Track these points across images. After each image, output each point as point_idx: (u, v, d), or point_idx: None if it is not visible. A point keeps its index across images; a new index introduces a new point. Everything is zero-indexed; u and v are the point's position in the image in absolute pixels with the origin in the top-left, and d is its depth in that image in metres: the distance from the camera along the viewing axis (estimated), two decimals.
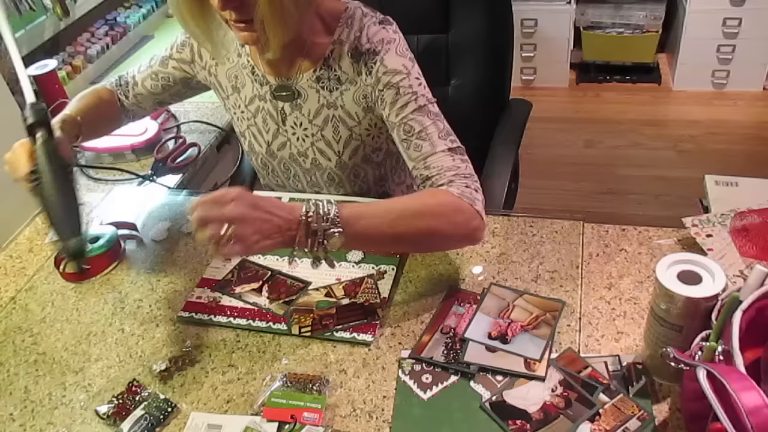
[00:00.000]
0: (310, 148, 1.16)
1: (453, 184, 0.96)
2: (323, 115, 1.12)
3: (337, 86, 1.09)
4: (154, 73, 1.23)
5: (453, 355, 0.89)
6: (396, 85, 1.03)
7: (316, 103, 1.11)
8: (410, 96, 1.02)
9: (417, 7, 1.53)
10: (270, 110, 1.15)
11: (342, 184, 1.20)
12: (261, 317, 0.99)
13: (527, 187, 1.86)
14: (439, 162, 0.99)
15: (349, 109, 1.10)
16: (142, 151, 1.47)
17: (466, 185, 0.97)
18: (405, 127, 1.02)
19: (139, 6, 2.20)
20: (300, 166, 1.20)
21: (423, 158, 1.00)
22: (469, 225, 0.95)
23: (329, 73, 1.08)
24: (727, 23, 2.89)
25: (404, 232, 0.92)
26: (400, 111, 1.02)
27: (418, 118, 1.01)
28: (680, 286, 0.74)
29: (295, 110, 1.13)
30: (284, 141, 1.18)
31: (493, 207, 1.22)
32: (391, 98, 1.03)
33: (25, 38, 1.79)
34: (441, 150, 1.00)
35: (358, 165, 1.17)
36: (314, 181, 1.22)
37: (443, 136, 1.01)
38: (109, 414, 0.87)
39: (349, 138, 1.13)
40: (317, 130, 1.14)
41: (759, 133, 2.84)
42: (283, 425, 0.83)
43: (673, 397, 0.81)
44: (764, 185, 1.09)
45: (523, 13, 3.09)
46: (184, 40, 1.20)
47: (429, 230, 0.93)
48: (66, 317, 1.05)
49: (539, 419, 0.80)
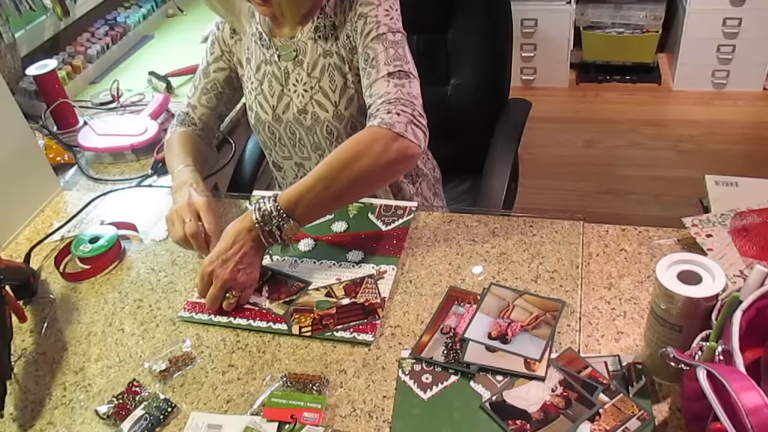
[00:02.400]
0: (309, 103, 1.19)
1: (377, 114, 1.01)
2: (320, 66, 1.16)
3: (332, 32, 1.14)
4: (204, 88, 1.28)
5: (453, 355, 0.89)
6: (365, 15, 1.09)
7: (315, 54, 1.16)
8: (373, 25, 1.08)
9: (417, 7, 1.53)
10: (275, 72, 1.20)
11: (341, 140, 1.21)
12: (261, 317, 0.99)
13: (527, 187, 1.86)
14: (377, 89, 1.05)
15: (342, 54, 1.15)
16: (142, 151, 1.47)
17: (387, 111, 1.00)
18: (364, 56, 1.09)
19: (139, 6, 2.20)
20: (302, 126, 1.23)
21: (369, 86, 1.07)
22: (390, 149, 0.98)
23: (325, 20, 1.15)
24: (727, 23, 2.90)
25: (341, 188, 0.98)
26: (363, 39, 1.09)
27: (373, 45, 1.07)
28: (680, 286, 0.74)
29: (297, 67, 1.18)
30: (288, 101, 1.22)
31: (492, 207, 1.22)
32: (360, 27, 1.10)
33: (25, 38, 1.79)
34: (381, 76, 1.05)
35: (354, 117, 1.19)
36: (317, 142, 1.24)
37: (389, 61, 1.05)
38: (109, 414, 0.87)
39: (344, 86, 1.16)
40: (315, 82, 1.18)
41: (759, 133, 2.85)
42: (283, 425, 0.83)
43: (673, 397, 0.81)
44: (764, 185, 1.09)
45: (523, 13, 3.09)
46: (211, 40, 1.26)
47: (358, 173, 0.98)
48: (66, 317, 1.05)
49: (539, 419, 0.80)
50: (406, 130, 1.00)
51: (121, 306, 1.06)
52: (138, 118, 1.56)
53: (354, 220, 1.15)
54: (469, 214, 1.16)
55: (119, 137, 1.48)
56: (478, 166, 1.48)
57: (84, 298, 1.08)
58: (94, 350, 0.98)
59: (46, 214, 1.31)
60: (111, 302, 1.07)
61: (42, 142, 1.50)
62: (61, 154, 1.48)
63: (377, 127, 0.99)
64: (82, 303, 1.07)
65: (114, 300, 1.07)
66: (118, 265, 1.14)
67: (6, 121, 1.22)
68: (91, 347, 0.99)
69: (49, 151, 1.47)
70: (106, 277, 1.12)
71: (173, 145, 1.25)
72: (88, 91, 1.84)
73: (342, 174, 0.98)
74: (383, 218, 1.14)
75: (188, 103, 1.30)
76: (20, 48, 1.76)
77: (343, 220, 1.15)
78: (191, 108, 1.30)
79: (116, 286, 1.10)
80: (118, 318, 1.03)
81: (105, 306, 1.06)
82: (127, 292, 1.08)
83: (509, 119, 1.58)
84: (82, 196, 1.34)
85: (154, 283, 1.09)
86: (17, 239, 1.25)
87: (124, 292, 1.09)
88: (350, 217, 1.16)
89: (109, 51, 1.99)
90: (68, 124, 1.62)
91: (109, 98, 1.74)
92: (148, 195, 1.34)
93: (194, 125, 1.30)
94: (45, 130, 1.60)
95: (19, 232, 1.26)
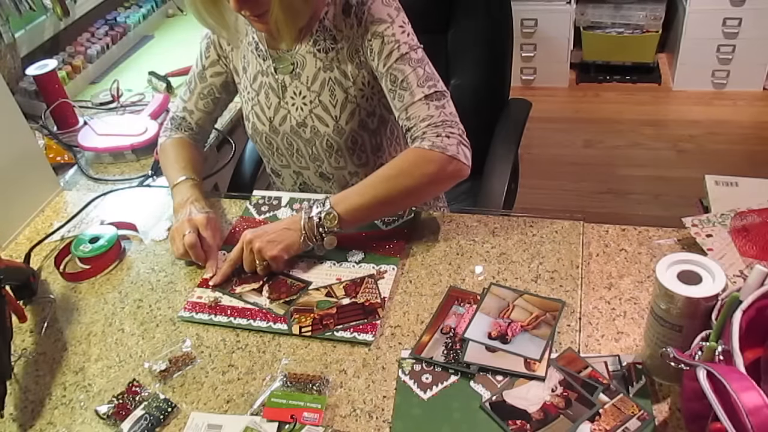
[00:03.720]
0: (308, 116, 1.19)
1: (425, 137, 1.05)
2: (320, 80, 1.16)
3: (333, 45, 1.14)
4: (201, 93, 1.28)
5: (453, 355, 0.89)
6: (381, 34, 1.09)
7: (314, 68, 1.16)
8: (393, 44, 1.08)
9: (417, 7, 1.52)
10: (272, 84, 1.20)
11: (341, 153, 1.22)
12: (261, 317, 0.99)
13: (527, 187, 1.86)
14: (416, 112, 1.07)
15: (344, 69, 1.15)
16: (142, 151, 1.47)
17: (437, 134, 1.05)
18: (390, 77, 1.09)
19: (139, 6, 2.20)
20: (301, 138, 1.22)
21: (404, 108, 1.08)
22: (445, 171, 1.04)
23: (324, 34, 1.14)
24: (727, 23, 2.90)
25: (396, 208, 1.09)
26: (386, 60, 1.09)
27: (400, 67, 1.08)
28: (680, 286, 0.74)
29: (295, 80, 1.18)
30: (285, 114, 1.21)
31: (493, 207, 1.22)
32: (378, 47, 1.09)
33: (25, 38, 1.79)
34: (418, 99, 1.07)
35: (355, 131, 1.19)
36: (315, 154, 1.24)
37: (422, 83, 1.08)
38: (109, 414, 0.87)
39: (345, 101, 1.16)
40: (315, 96, 1.17)
41: (759, 133, 2.85)
42: (283, 425, 0.83)
43: (673, 397, 0.81)
44: (764, 185, 1.09)
45: (523, 13, 3.09)
46: (207, 43, 1.25)
47: (416, 195, 1.07)
48: (66, 317, 1.05)
49: (539, 419, 0.80)
50: (458, 152, 1.04)
51: (121, 306, 1.06)
52: (138, 118, 1.56)
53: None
54: (469, 214, 1.16)
55: (119, 137, 1.48)
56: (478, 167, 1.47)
57: (84, 298, 1.08)
58: (94, 350, 0.98)
59: (46, 214, 1.31)
60: (111, 302, 1.07)
61: (42, 142, 1.50)
62: (61, 154, 1.48)
63: (429, 150, 1.03)
64: (82, 303, 1.07)
65: (114, 300, 1.07)
66: (118, 265, 1.14)
67: (6, 121, 1.22)
68: (91, 347, 0.99)
69: (49, 151, 1.47)
70: (106, 277, 1.12)
71: (169, 153, 1.25)
72: (88, 91, 1.84)
73: (401, 199, 1.06)
74: (383, 218, 1.14)
75: (184, 107, 1.29)
76: (20, 48, 1.76)
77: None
78: (188, 113, 1.29)
79: (116, 286, 1.10)
80: (118, 318, 1.03)
81: (105, 306, 1.06)
82: (127, 292, 1.08)
83: (510, 120, 1.58)
84: (82, 196, 1.34)
85: (154, 283, 1.09)
86: (17, 239, 1.25)
87: (124, 292, 1.09)
88: None
89: (109, 51, 1.99)
90: (68, 124, 1.62)
91: (109, 98, 1.74)
92: (148, 195, 1.34)
93: (191, 130, 1.29)
94: (45, 130, 1.60)
95: (19, 232, 1.26)
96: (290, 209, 1.19)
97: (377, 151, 1.25)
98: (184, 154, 1.25)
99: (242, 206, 1.24)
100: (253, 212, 1.20)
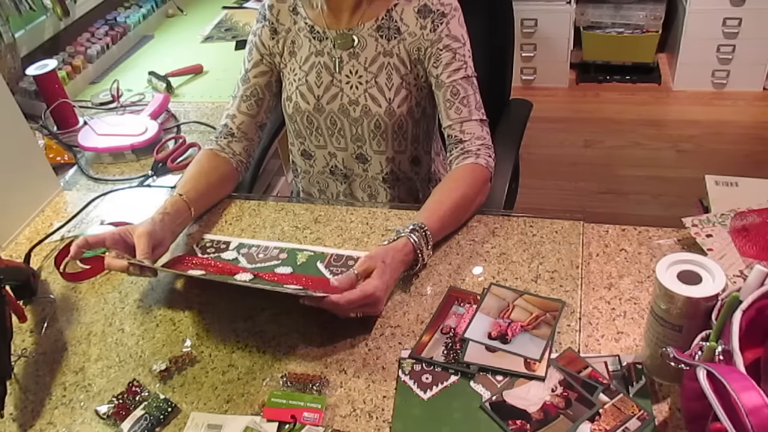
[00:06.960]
0: (362, 95, 1.23)
1: (480, 154, 1.15)
2: (379, 63, 1.22)
3: (396, 35, 1.20)
4: (244, 95, 1.28)
5: (453, 355, 0.89)
6: (454, 50, 1.17)
7: (374, 51, 1.21)
8: (462, 64, 1.18)
9: None
10: (326, 63, 1.24)
11: (386, 135, 1.26)
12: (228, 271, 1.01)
13: (527, 187, 1.87)
14: (473, 129, 1.17)
15: (403, 58, 1.21)
16: (142, 151, 1.47)
17: (489, 155, 1.17)
18: (452, 89, 1.18)
19: (139, 6, 2.20)
20: (348, 117, 1.25)
21: (460, 121, 1.18)
22: (487, 188, 1.17)
23: (390, 23, 1.20)
24: (727, 23, 2.89)
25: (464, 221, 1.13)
26: (452, 74, 1.17)
27: (465, 85, 1.18)
28: (680, 286, 0.74)
29: (353, 58, 1.22)
30: (336, 92, 1.24)
31: (493, 207, 1.22)
32: (447, 60, 1.17)
33: (25, 38, 1.79)
34: (476, 119, 1.18)
35: (403, 116, 1.25)
36: (359, 134, 1.27)
37: (478, 107, 1.19)
38: (109, 414, 0.87)
39: (400, 85, 1.22)
40: (371, 77, 1.22)
41: (759, 133, 2.84)
42: (283, 425, 0.83)
43: (673, 397, 0.81)
44: (764, 185, 1.09)
45: (523, 13, 3.09)
46: (249, 47, 1.28)
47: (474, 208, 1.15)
48: (66, 317, 1.05)
49: (539, 419, 0.80)
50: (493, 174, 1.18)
51: (121, 306, 1.06)
52: (138, 118, 1.56)
53: (300, 268, 1.07)
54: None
55: (119, 137, 1.48)
56: None
57: (84, 298, 1.08)
58: (94, 350, 0.98)
59: (46, 214, 1.31)
60: (111, 302, 1.07)
61: (42, 142, 1.50)
62: (61, 154, 1.48)
63: (485, 167, 1.15)
64: (82, 303, 1.07)
65: (114, 300, 1.07)
66: None
67: (6, 121, 1.22)
68: (91, 347, 0.99)
69: (49, 151, 1.47)
70: (106, 277, 1.12)
71: (192, 164, 1.24)
72: (88, 91, 1.84)
73: (467, 209, 1.13)
74: (332, 268, 1.06)
75: (227, 114, 1.28)
76: (20, 48, 1.75)
77: (288, 266, 1.08)
78: (230, 118, 1.27)
79: (116, 286, 1.10)
80: (118, 318, 1.03)
81: (105, 306, 1.06)
82: (127, 292, 1.08)
83: (510, 120, 1.59)
84: (82, 196, 1.34)
85: (154, 283, 1.09)
86: (17, 239, 1.25)
87: (124, 292, 1.09)
88: (297, 264, 1.08)
89: (109, 51, 1.99)
90: (68, 124, 1.62)
91: (109, 98, 1.73)
92: (148, 195, 1.34)
93: (231, 135, 1.27)
94: (45, 130, 1.60)
95: (19, 232, 1.26)
96: (237, 252, 1.12)
97: (414, 141, 1.30)
98: (197, 167, 1.22)
99: (242, 206, 1.24)
100: (199, 253, 1.13)
